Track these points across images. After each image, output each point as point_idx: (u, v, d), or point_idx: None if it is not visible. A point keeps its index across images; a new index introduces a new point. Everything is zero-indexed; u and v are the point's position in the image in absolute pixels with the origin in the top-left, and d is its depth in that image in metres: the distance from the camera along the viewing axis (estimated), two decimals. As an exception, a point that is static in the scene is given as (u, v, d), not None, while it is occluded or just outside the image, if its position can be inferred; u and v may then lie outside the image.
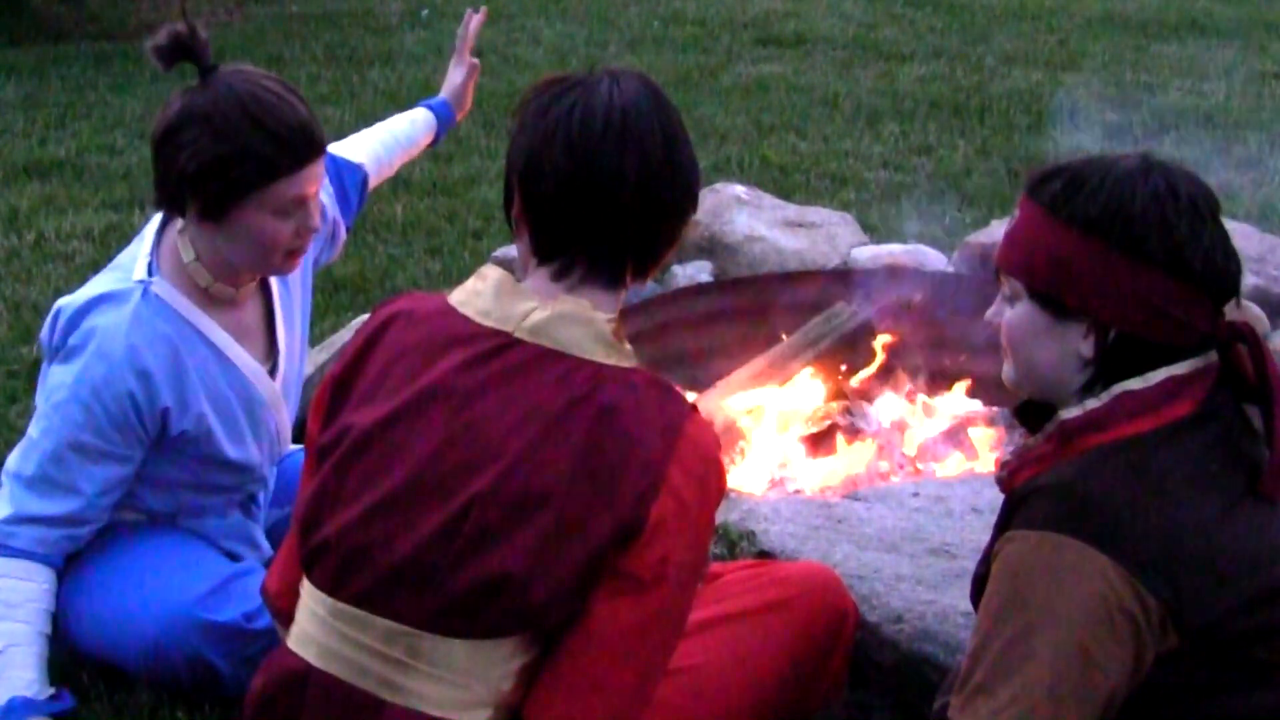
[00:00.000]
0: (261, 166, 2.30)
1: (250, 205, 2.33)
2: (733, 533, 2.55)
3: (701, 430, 1.78)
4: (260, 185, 2.31)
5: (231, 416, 2.51)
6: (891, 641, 2.30)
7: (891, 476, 3.15)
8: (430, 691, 1.75)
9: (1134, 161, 1.76)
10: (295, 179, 2.34)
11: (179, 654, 2.43)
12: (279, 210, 2.35)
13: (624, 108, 1.78)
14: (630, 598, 1.72)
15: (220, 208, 2.33)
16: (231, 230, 2.36)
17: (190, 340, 2.44)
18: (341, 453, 1.80)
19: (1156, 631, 1.67)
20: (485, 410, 1.75)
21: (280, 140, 2.30)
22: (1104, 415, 1.76)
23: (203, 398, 2.46)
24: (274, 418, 2.60)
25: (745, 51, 7.44)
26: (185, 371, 2.43)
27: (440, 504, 1.74)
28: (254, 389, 2.54)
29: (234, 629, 2.42)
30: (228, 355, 2.49)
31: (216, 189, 2.31)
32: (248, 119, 2.29)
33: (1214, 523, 1.70)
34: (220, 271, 2.44)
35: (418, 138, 3.11)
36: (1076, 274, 1.75)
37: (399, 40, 7.55)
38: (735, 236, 4.08)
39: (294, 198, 2.35)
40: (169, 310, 2.42)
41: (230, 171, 2.29)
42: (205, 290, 2.45)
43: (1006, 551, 1.73)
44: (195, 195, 2.33)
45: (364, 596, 1.77)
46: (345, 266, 4.45)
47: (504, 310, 1.80)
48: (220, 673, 2.44)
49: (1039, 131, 5.95)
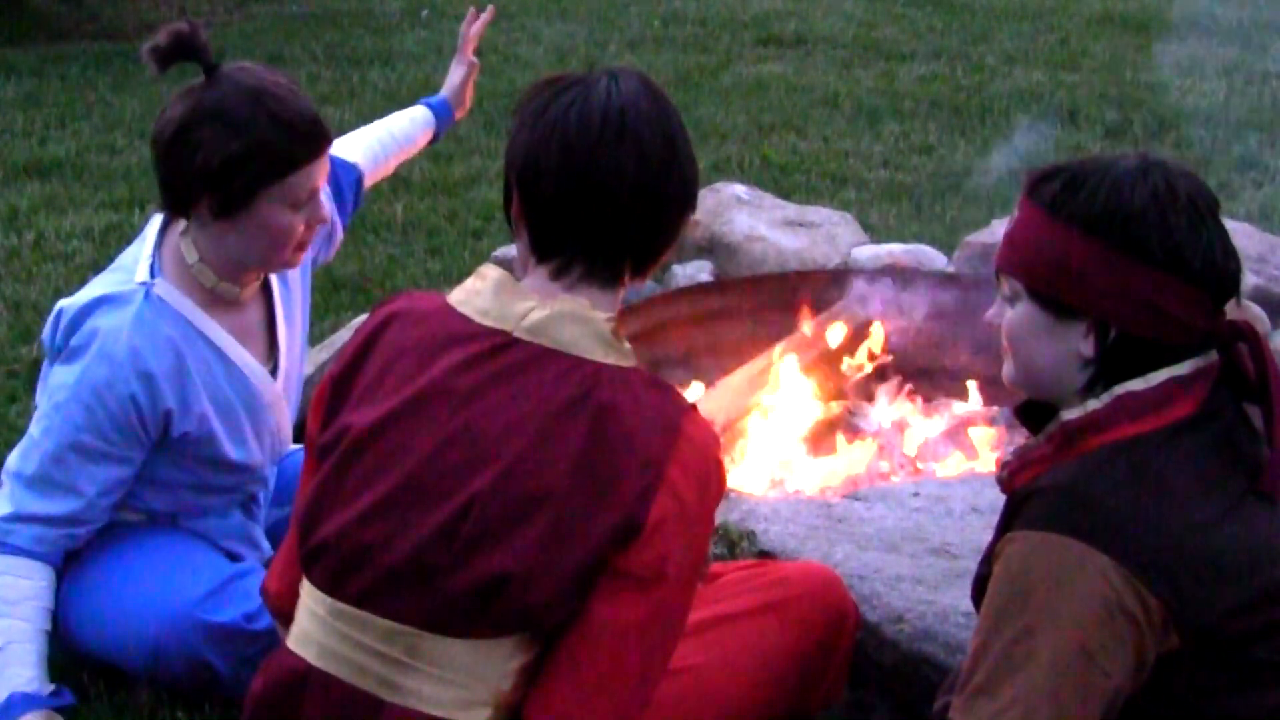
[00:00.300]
0: (279, 159, 2.32)
1: (266, 199, 2.34)
2: (733, 533, 2.55)
3: (701, 429, 1.78)
4: (278, 178, 2.32)
5: (234, 418, 2.51)
6: (892, 641, 2.30)
7: (892, 476, 3.15)
8: (430, 691, 1.75)
9: (1133, 161, 1.76)
10: (309, 170, 2.36)
11: (179, 654, 2.42)
12: (294, 203, 2.36)
13: (622, 107, 1.78)
14: (630, 597, 1.72)
15: (238, 203, 2.33)
16: (247, 226, 2.36)
17: (193, 342, 2.44)
18: (340, 453, 1.80)
19: (1158, 632, 1.67)
20: (484, 410, 1.75)
21: (296, 132, 2.32)
22: (1105, 416, 1.76)
23: (205, 399, 2.45)
24: (275, 418, 2.59)
25: (745, 51, 7.44)
26: (188, 373, 2.43)
27: (439, 504, 1.73)
28: (256, 390, 2.54)
29: (234, 630, 2.42)
30: (230, 357, 2.49)
31: (235, 185, 2.31)
32: (263, 113, 2.30)
33: (1215, 523, 1.70)
34: (226, 271, 2.44)
35: (416, 136, 3.11)
36: (1076, 274, 1.75)
37: (399, 40, 7.54)
38: (735, 236, 4.08)
39: (309, 190, 2.37)
40: (172, 312, 2.42)
41: (249, 166, 2.30)
42: (210, 291, 2.45)
43: (1008, 552, 1.73)
44: (212, 192, 2.33)
45: (363, 596, 1.76)
46: (345, 266, 4.45)
47: (503, 309, 1.80)
48: (220, 673, 2.43)
49: (1039, 131, 5.95)
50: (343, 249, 4.63)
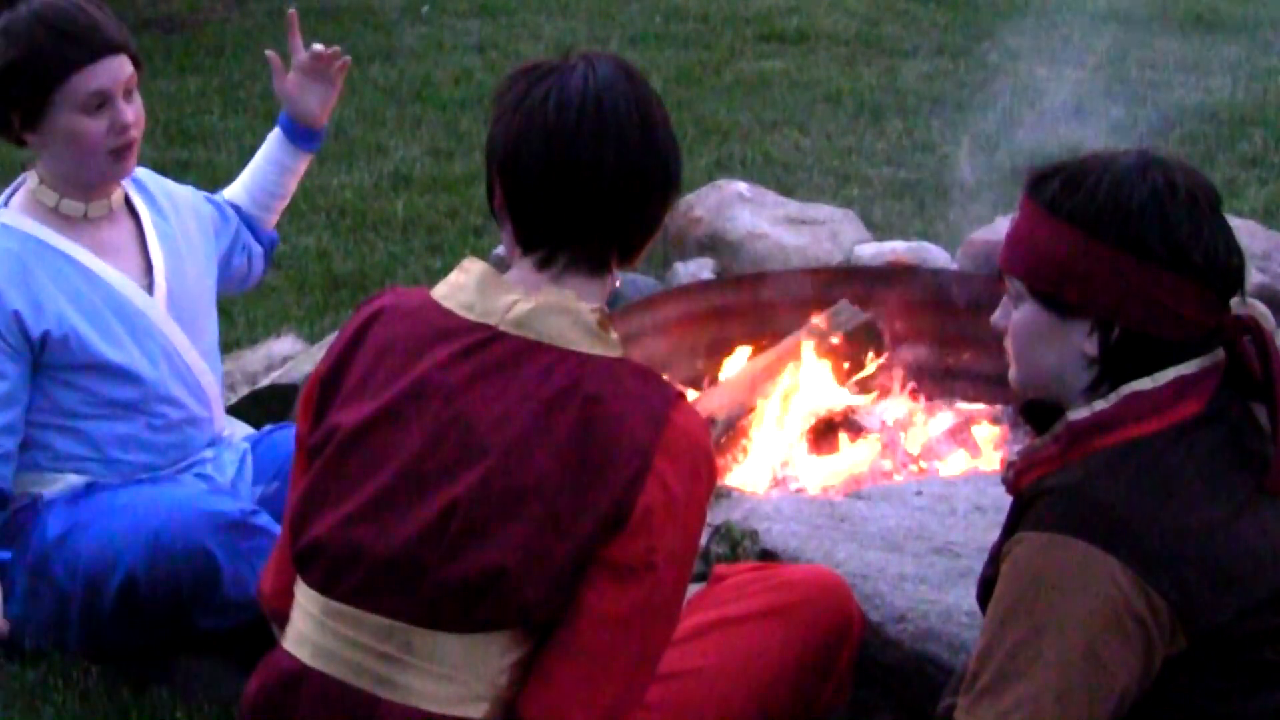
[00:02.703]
0: (53, 62, 2.49)
1: (57, 107, 2.51)
2: (735, 532, 2.54)
3: (689, 419, 1.77)
4: (57, 81, 2.49)
5: (101, 319, 2.57)
6: (895, 641, 2.29)
7: (895, 475, 3.14)
8: (427, 688, 1.75)
9: (1132, 157, 1.76)
10: (90, 72, 2.50)
11: (180, 545, 2.44)
12: (84, 107, 2.51)
13: (599, 94, 1.77)
14: (620, 587, 1.71)
15: (37, 114, 2.51)
16: (52, 137, 2.53)
17: (41, 254, 2.56)
18: (330, 452, 1.80)
19: (1165, 634, 1.66)
20: (471, 405, 1.75)
21: (68, 36, 2.50)
22: (1112, 416, 1.76)
23: (60, 299, 2.53)
24: (165, 336, 2.63)
25: (747, 47, 7.42)
26: (33, 277, 2.52)
27: (429, 500, 1.73)
28: (124, 298, 2.60)
29: (236, 519, 2.47)
30: (86, 265, 2.57)
31: (20, 93, 2.50)
32: (38, 23, 2.50)
33: (1222, 524, 1.70)
34: (65, 189, 2.59)
35: (274, 155, 2.97)
36: (1078, 272, 1.75)
37: (399, 36, 7.52)
38: (738, 234, 4.06)
39: (94, 91, 2.51)
40: (15, 232, 2.56)
41: (26, 71, 2.49)
42: (56, 211, 2.59)
43: (1015, 554, 1.72)
44: (9, 106, 2.52)
45: (356, 594, 1.76)
46: (345, 263, 4.45)
47: (487, 303, 1.79)
48: (219, 563, 2.44)
49: (1043, 128, 5.93)
50: (342, 247, 4.65)
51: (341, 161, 5.41)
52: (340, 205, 4.99)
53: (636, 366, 1.80)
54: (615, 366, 1.77)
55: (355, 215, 4.92)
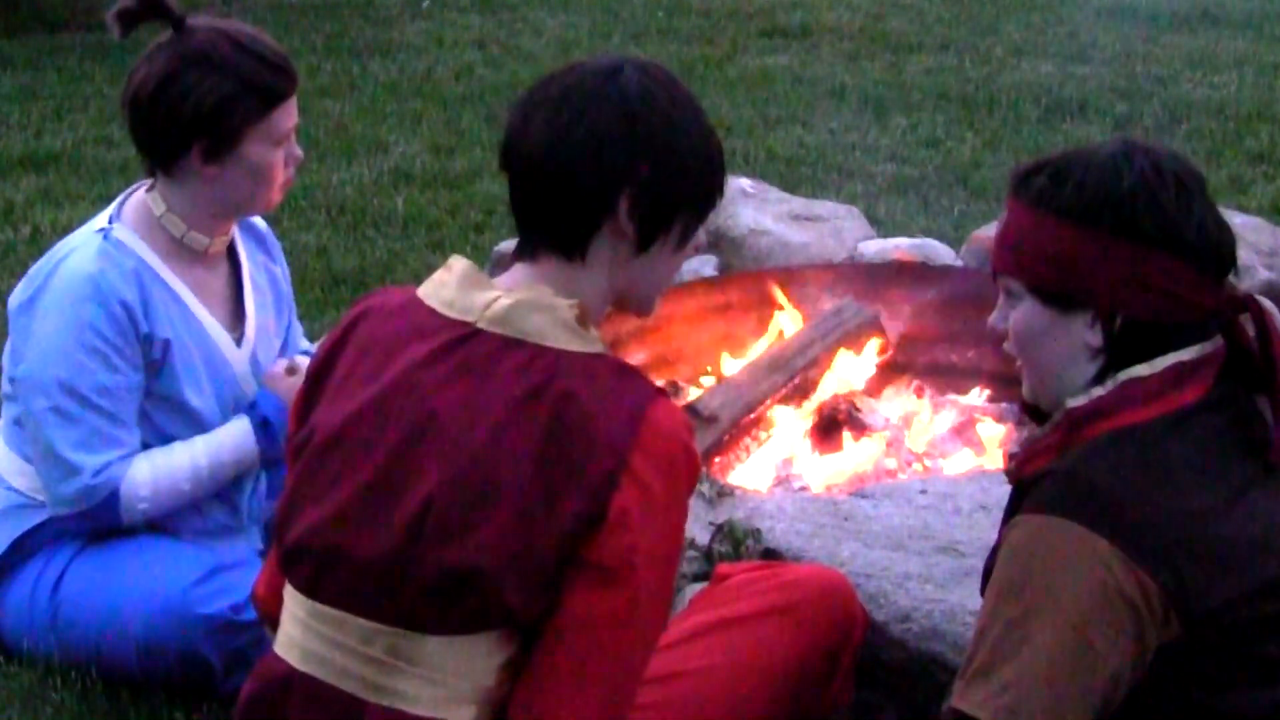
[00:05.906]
0: (266, 94, 2.43)
1: (253, 137, 2.44)
2: (738, 530, 2.53)
3: (668, 415, 1.74)
4: (264, 114, 2.43)
5: (189, 361, 2.52)
6: (899, 640, 2.29)
7: (899, 474, 3.13)
8: (414, 690, 1.73)
9: (1115, 145, 1.79)
10: (289, 106, 2.48)
11: (171, 648, 2.41)
12: (277, 140, 2.47)
13: (579, 83, 1.76)
14: (600, 589, 1.69)
15: (227, 145, 2.42)
16: (236, 166, 2.45)
17: (153, 279, 2.48)
18: (310, 453, 1.79)
19: (1158, 617, 1.66)
20: (446, 403, 1.73)
21: (276, 68, 2.45)
22: (1111, 403, 1.77)
23: (166, 327, 2.48)
24: (240, 388, 2.58)
25: (751, 43, 7.42)
26: (151, 301, 2.46)
27: (406, 499, 1.72)
28: (213, 344, 2.55)
29: (222, 620, 2.41)
30: (187, 305, 2.52)
31: (226, 125, 2.41)
32: (245, 53, 2.42)
33: (1220, 510, 1.71)
34: (197, 221, 2.51)
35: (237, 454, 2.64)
36: (1074, 264, 1.76)
37: (399, 31, 7.52)
38: (740, 230, 4.05)
39: (290, 125, 2.49)
40: (131, 252, 2.47)
41: (240, 104, 2.40)
42: (176, 241, 2.51)
43: (1010, 537, 1.74)
44: (203, 137, 2.41)
45: (340, 596, 1.75)
46: (345, 261, 4.44)
47: (466, 301, 1.77)
48: (213, 665, 2.42)
49: (1048, 124, 5.92)
50: (342, 244, 4.64)
51: (341, 157, 5.41)
52: (340, 202, 4.98)
53: (615, 363, 1.77)
54: (593, 363, 1.74)
55: (355, 212, 4.91)
